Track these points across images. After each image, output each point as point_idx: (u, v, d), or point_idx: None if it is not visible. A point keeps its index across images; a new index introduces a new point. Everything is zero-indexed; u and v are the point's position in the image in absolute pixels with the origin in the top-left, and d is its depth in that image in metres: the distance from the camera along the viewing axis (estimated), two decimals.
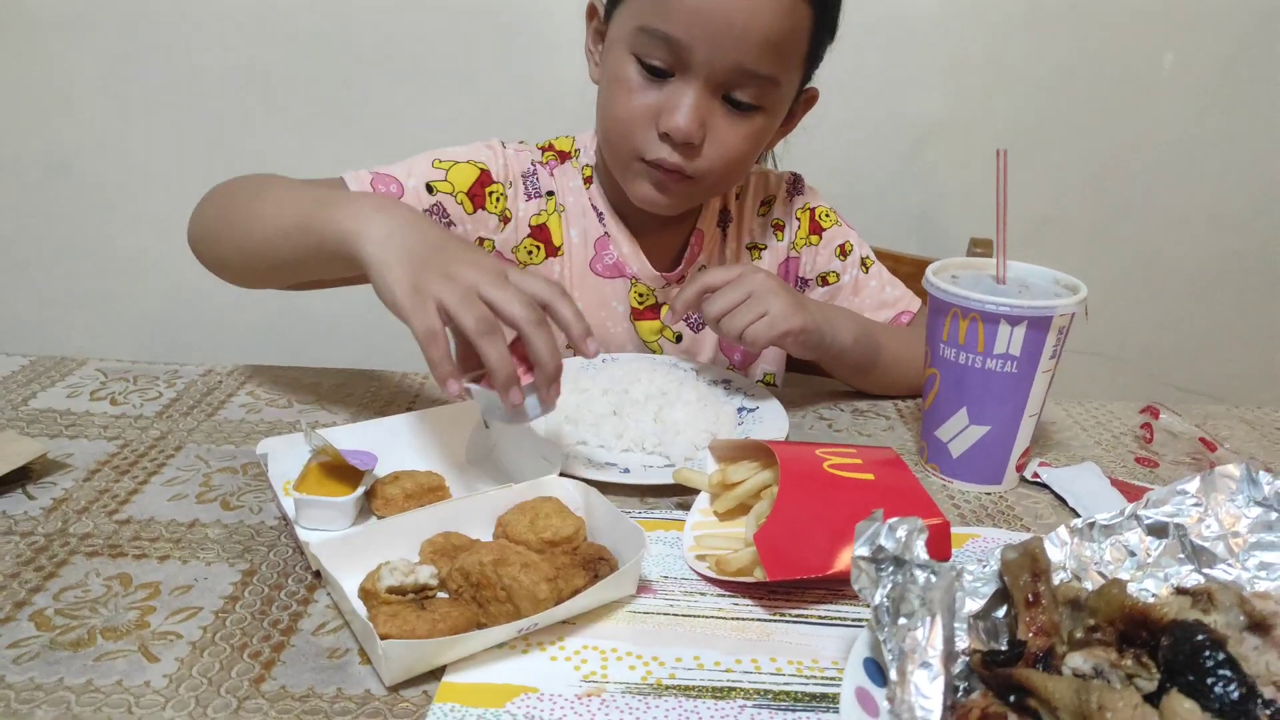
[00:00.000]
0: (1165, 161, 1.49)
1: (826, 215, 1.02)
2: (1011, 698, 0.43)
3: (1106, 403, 0.93)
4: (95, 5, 1.41)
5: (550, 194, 0.95)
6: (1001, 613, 0.49)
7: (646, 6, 0.80)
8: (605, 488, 0.69)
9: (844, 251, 1.01)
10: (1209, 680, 0.40)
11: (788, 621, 0.57)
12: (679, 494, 0.71)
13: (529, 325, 0.62)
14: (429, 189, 0.88)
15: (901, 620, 0.45)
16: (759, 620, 0.57)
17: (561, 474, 0.67)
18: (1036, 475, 0.76)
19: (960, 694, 0.46)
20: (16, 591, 0.57)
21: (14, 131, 1.48)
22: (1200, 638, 0.41)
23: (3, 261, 1.56)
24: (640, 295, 0.97)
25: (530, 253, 0.95)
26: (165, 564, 0.60)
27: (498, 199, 0.92)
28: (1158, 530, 0.54)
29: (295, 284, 0.84)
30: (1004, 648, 0.47)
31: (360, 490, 0.64)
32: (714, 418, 0.80)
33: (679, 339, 1.00)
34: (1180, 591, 0.49)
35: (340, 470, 0.67)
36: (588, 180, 0.96)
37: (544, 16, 1.38)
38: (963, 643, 0.47)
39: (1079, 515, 0.71)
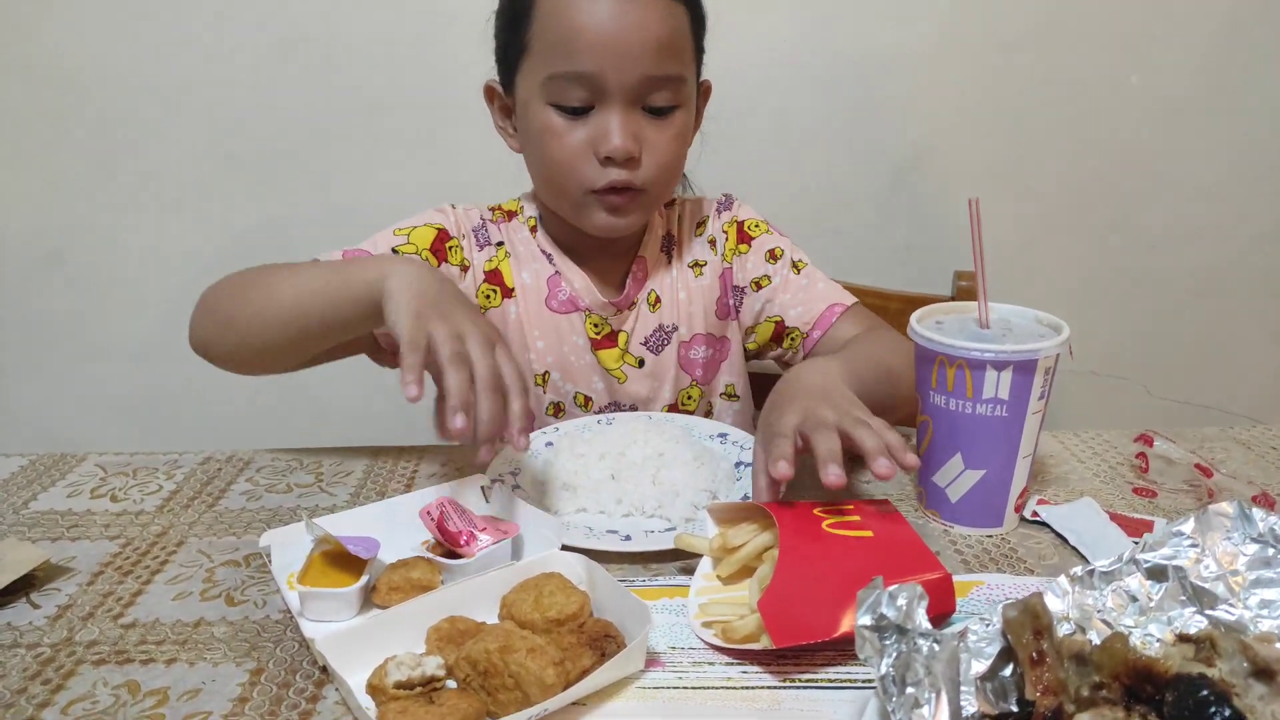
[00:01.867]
0: (1139, 179, 1.51)
1: (755, 225, 1.07)
2: None
3: (1101, 432, 0.93)
4: (83, 94, 1.43)
5: (500, 244, 1.02)
6: (1008, 671, 0.49)
7: (549, 58, 0.88)
8: (607, 556, 0.70)
9: (774, 256, 1.04)
10: None
11: (798, 687, 0.57)
12: (682, 558, 0.71)
13: (485, 387, 0.68)
14: (395, 252, 0.95)
15: (909, 689, 0.45)
16: (769, 688, 0.57)
17: (563, 546, 0.68)
18: (1036, 514, 0.76)
19: None
20: (25, 708, 0.56)
21: (6, 222, 1.49)
22: (1205, 693, 0.41)
23: None
24: (595, 325, 1.02)
25: (488, 296, 1.01)
26: (172, 667, 0.60)
27: (455, 251, 0.99)
28: (1157, 574, 0.55)
29: (307, 358, 0.88)
30: (1013, 709, 0.47)
31: (364, 580, 0.64)
32: (711, 475, 0.80)
33: (641, 364, 1.04)
34: (1183, 639, 0.50)
35: (344, 558, 0.67)
36: (533, 230, 1.03)
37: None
38: (971, 707, 0.47)
39: (1081, 553, 0.71)
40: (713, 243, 1.06)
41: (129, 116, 1.44)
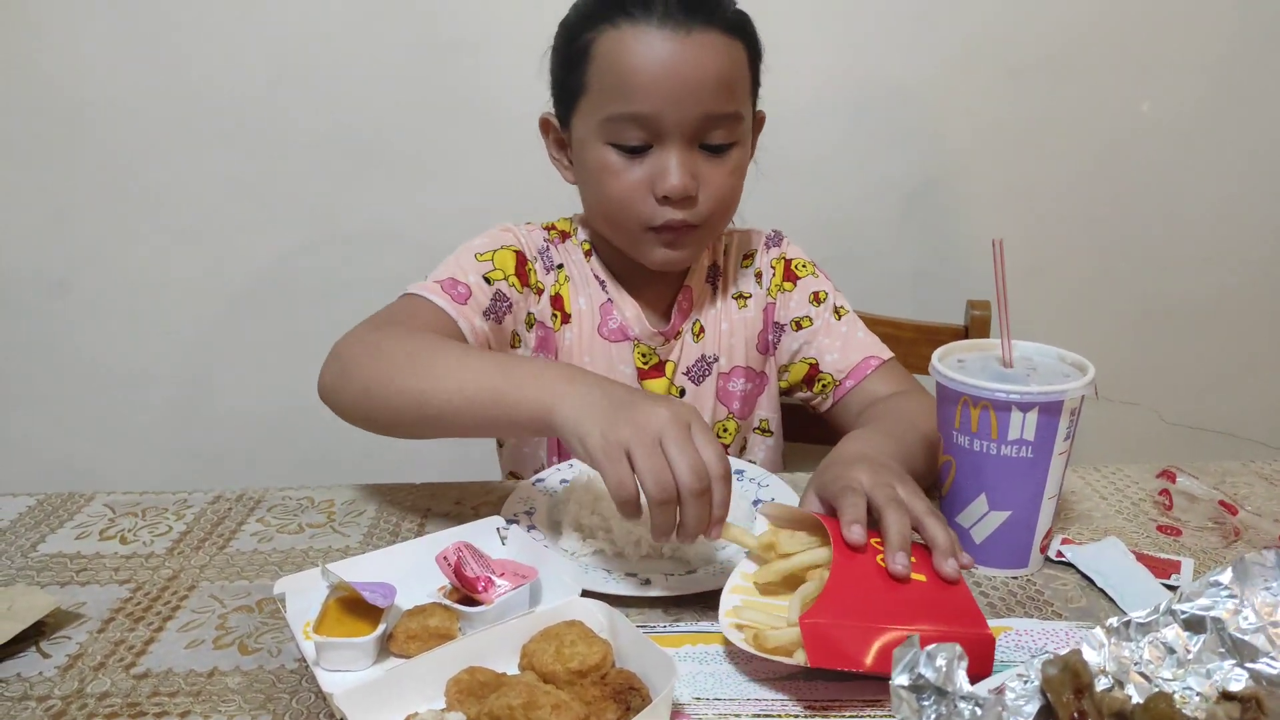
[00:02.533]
0: (1151, 204, 1.51)
1: (803, 266, 1.07)
2: None
3: (1122, 467, 0.92)
4: (88, 123, 1.42)
5: (560, 266, 1.02)
6: None
7: (607, 99, 0.87)
8: (626, 601, 0.68)
9: (818, 299, 1.04)
10: None
11: None
12: (702, 604, 0.70)
13: (690, 495, 0.63)
14: (487, 281, 0.94)
15: None
16: None
17: (583, 592, 0.66)
18: (1060, 554, 0.75)
19: None
20: None
21: (12, 252, 1.49)
22: None
23: (5, 382, 1.55)
24: (644, 355, 1.02)
25: (554, 318, 1.01)
26: None
27: (532, 273, 0.99)
28: (1195, 625, 0.54)
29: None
30: None
31: (382, 628, 0.63)
32: (730, 515, 0.79)
33: (682, 394, 1.04)
34: (1227, 697, 0.48)
35: (360, 604, 0.66)
36: (588, 254, 1.02)
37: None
38: None
39: (1108, 595, 0.70)
40: (759, 276, 1.06)
41: (134, 145, 1.44)
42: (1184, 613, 0.54)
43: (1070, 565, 0.74)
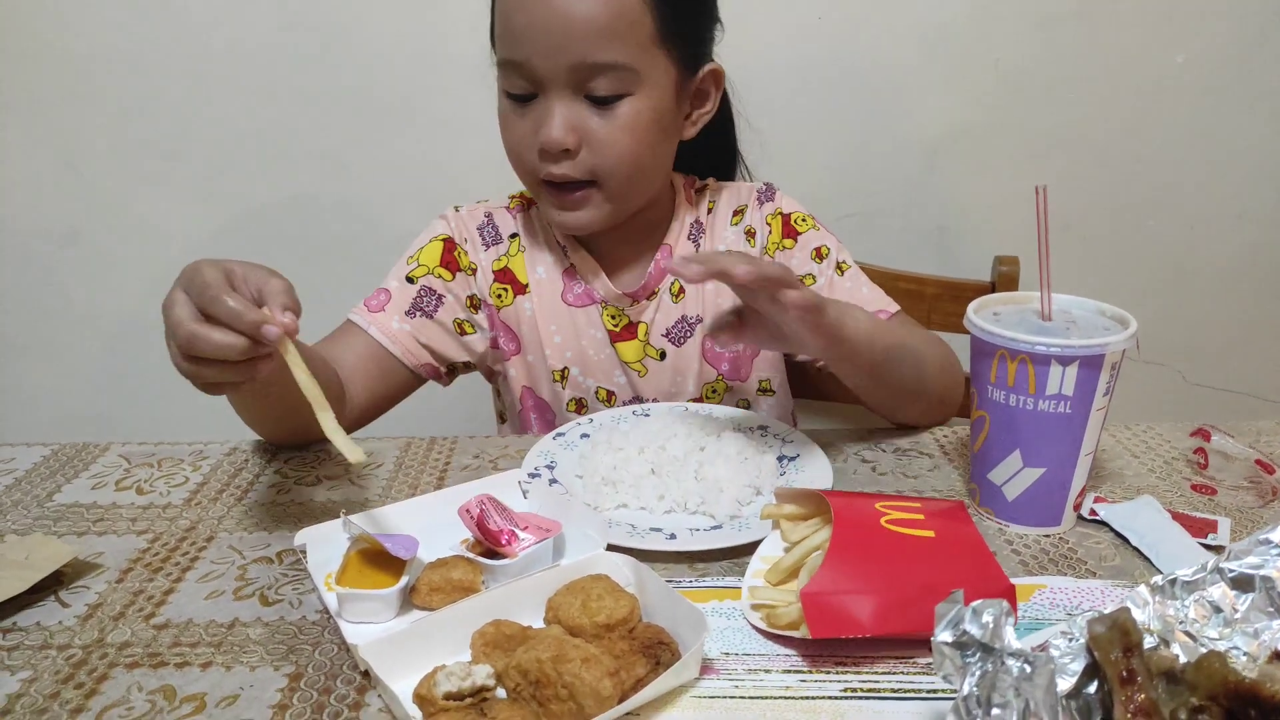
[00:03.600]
0: (1184, 160, 1.47)
1: (803, 220, 1.01)
2: None
3: (1154, 425, 0.90)
4: (99, 75, 1.39)
5: (514, 236, 1.01)
6: (1093, 689, 0.47)
7: (499, 45, 0.87)
8: (651, 555, 0.67)
9: (820, 255, 0.99)
10: None
11: (860, 698, 0.55)
12: (729, 557, 0.69)
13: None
14: (410, 280, 0.96)
15: (995, 710, 0.42)
16: (830, 698, 0.55)
17: (607, 546, 0.65)
18: (1094, 512, 0.73)
19: None
20: (58, 714, 0.54)
21: (22, 203, 1.47)
22: None
23: (16, 333, 1.54)
24: (613, 317, 1.00)
25: (499, 295, 1.00)
26: (209, 671, 0.58)
27: (462, 255, 0.99)
28: (1243, 584, 0.52)
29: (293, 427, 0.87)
30: None
31: (405, 580, 0.62)
32: (756, 471, 0.77)
33: (663, 356, 1.01)
34: (1279, 656, 0.47)
35: (382, 556, 0.65)
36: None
37: None
38: None
39: (1143, 554, 0.69)
40: (750, 234, 1.02)
41: (145, 97, 1.41)
42: (1232, 571, 0.52)
43: (1104, 524, 0.73)
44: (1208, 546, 0.69)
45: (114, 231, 1.48)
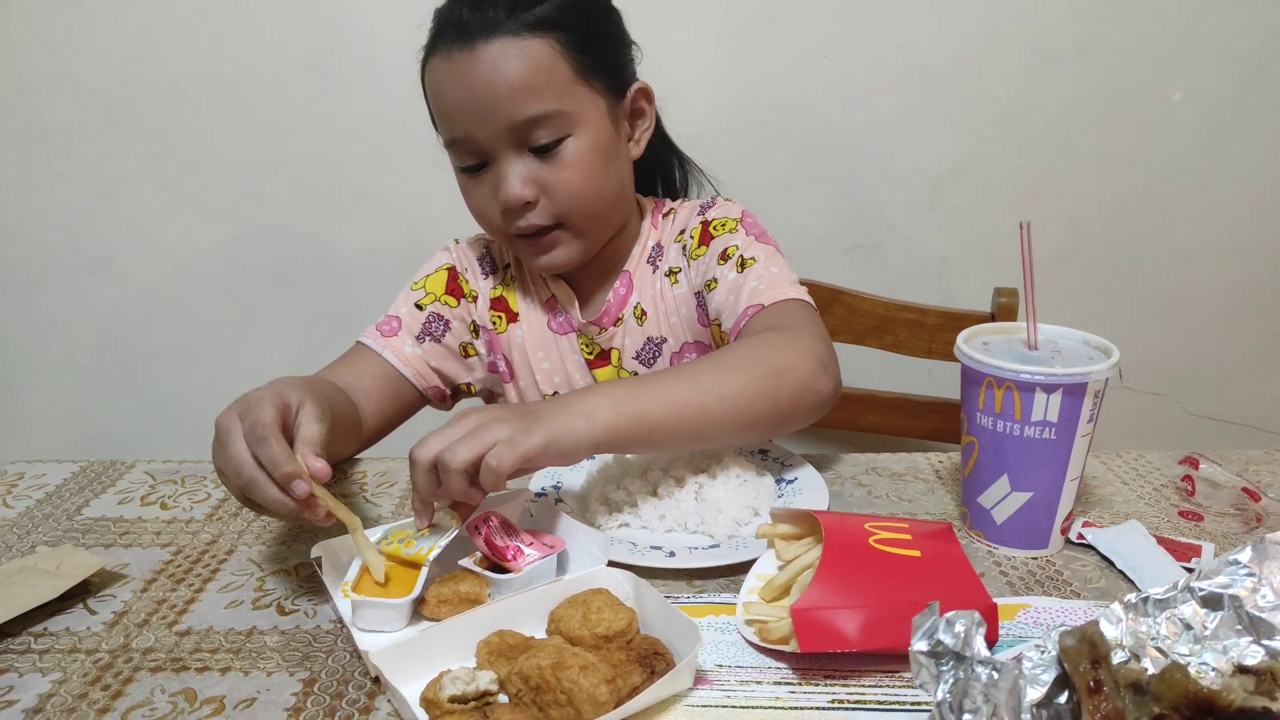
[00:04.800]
0: (1180, 193, 1.50)
1: (722, 224, 0.98)
2: None
3: (1144, 453, 0.92)
4: (131, 101, 1.45)
5: (507, 266, 1.05)
6: (1064, 699, 0.49)
7: (439, 128, 0.91)
8: (651, 572, 0.70)
9: (725, 256, 0.95)
10: None
11: (846, 709, 0.58)
12: (726, 575, 0.72)
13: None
14: (419, 308, 1.00)
15: (966, 717, 0.45)
16: (818, 709, 0.58)
17: (608, 563, 0.68)
18: (1081, 536, 0.76)
19: None
20: (86, 713, 0.58)
21: (54, 229, 1.52)
22: None
23: (48, 355, 1.59)
24: (586, 345, 1.04)
25: (494, 323, 1.04)
26: (227, 676, 0.61)
27: (465, 284, 1.03)
28: (1212, 602, 0.54)
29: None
30: None
31: (417, 591, 0.65)
32: (754, 493, 0.80)
33: None
34: (1242, 670, 0.49)
35: (394, 570, 0.68)
36: None
37: None
38: None
39: (1127, 577, 0.71)
40: (685, 248, 1.01)
41: (177, 124, 1.46)
42: (1202, 590, 0.54)
43: (1090, 547, 0.75)
44: (1191, 570, 0.71)
45: (143, 258, 1.53)
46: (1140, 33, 1.41)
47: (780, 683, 0.60)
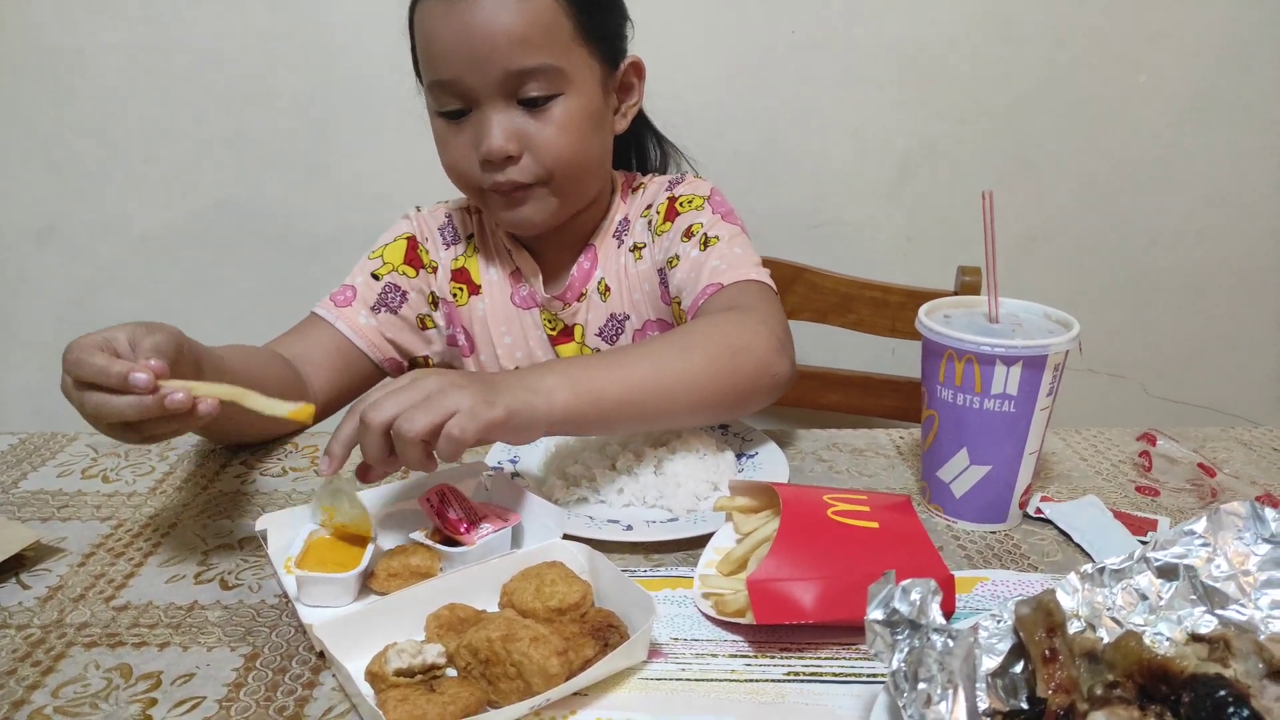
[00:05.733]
0: (1146, 176, 1.51)
1: (689, 201, 0.97)
2: None
3: (1103, 430, 0.93)
4: (81, 71, 1.40)
5: (470, 237, 1.03)
6: (1019, 669, 0.48)
7: (425, 70, 0.89)
8: (608, 546, 0.69)
9: (690, 233, 0.94)
10: None
11: (802, 681, 0.57)
12: (684, 549, 0.71)
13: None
14: (375, 277, 0.98)
15: (921, 685, 0.44)
16: (773, 681, 0.57)
17: (564, 536, 0.67)
18: (1040, 511, 0.76)
19: None
20: (14, 690, 0.55)
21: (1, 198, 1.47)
22: (1222, 693, 0.40)
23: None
24: (549, 320, 1.02)
25: (455, 294, 1.02)
26: (165, 651, 0.59)
27: (424, 254, 1.01)
28: (1168, 572, 0.54)
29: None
30: (1024, 706, 0.47)
31: (364, 564, 0.63)
32: (714, 467, 0.79)
33: None
34: (1196, 639, 0.49)
35: (342, 543, 0.66)
36: (498, 224, 1.02)
37: None
38: (983, 703, 0.46)
39: (1085, 550, 0.71)
40: (650, 224, 1.00)
41: (127, 94, 1.42)
42: (1157, 560, 0.54)
43: (1048, 522, 0.75)
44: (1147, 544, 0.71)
45: (90, 228, 1.49)
46: (1106, 15, 1.42)
47: (736, 655, 0.59)
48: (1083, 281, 1.55)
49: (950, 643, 0.44)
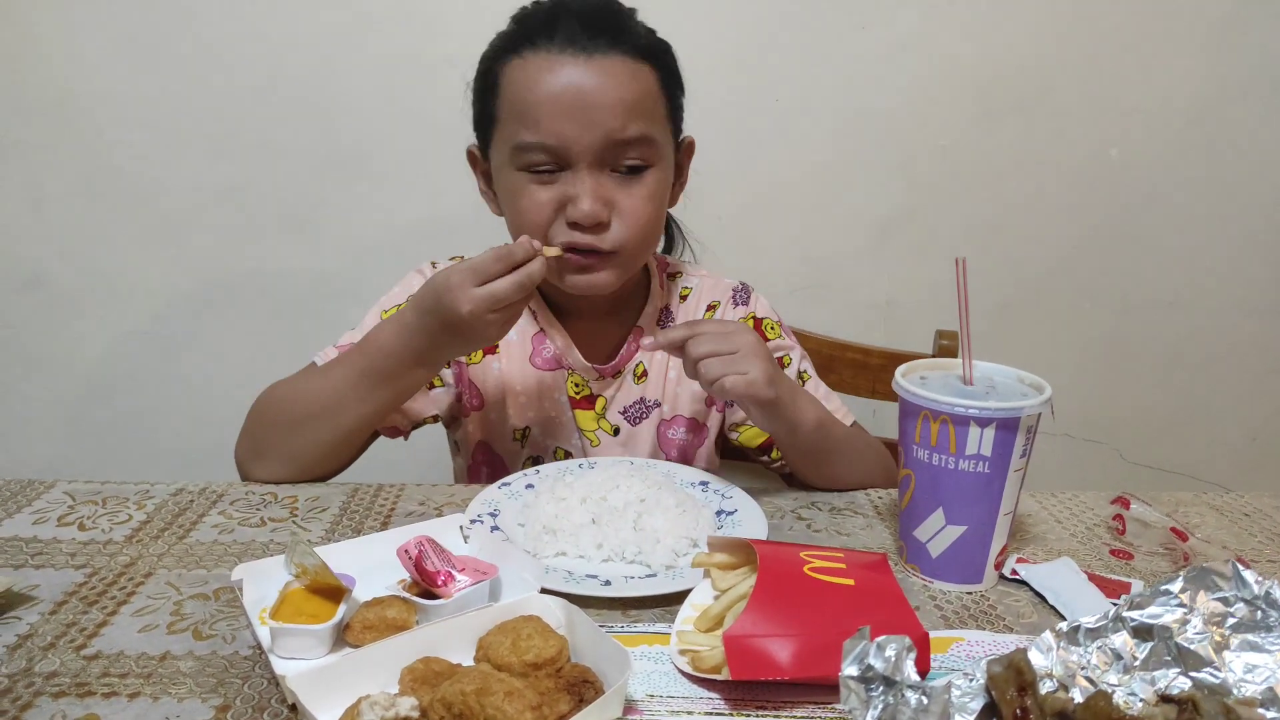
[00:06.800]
0: (1117, 246, 1.55)
1: (772, 327, 1.05)
2: None
3: (1078, 493, 0.94)
4: (71, 119, 1.43)
5: None
6: None
7: (515, 128, 0.88)
8: (586, 601, 0.69)
9: (782, 365, 1.00)
10: None
11: None
12: (662, 605, 0.71)
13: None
14: None
15: None
16: None
17: (542, 590, 0.67)
18: (1015, 572, 0.76)
19: None
20: None
21: None
22: None
23: None
24: (577, 385, 1.02)
25: (470, 353, 1.01)
26: (135, 701, 0.58)
27: None
28: (1143, 633, 0.55)
29: (355, 444, 0.94)
30: None
31: (338, 617, 0.63)
32: (694, 523, 0.80)
33: (616, 432, 1.03)
34: (1165, 699, 0.50)
35: (317, 595, 0.66)
36: None
37: None
38: None
39: (1059, 612, 0.71)
40: None
41: (117, 143, 1.44)
42: (1133, 620, 0.55)
43: (1024, 583, 0.76)
44: None
45: (77, 278, 1.49)
46: (1079, 91, 1.47)
47: (712, 713, 0.59)
48: (1060, 348, 1.58)
49: (925, 700, 0.44)
